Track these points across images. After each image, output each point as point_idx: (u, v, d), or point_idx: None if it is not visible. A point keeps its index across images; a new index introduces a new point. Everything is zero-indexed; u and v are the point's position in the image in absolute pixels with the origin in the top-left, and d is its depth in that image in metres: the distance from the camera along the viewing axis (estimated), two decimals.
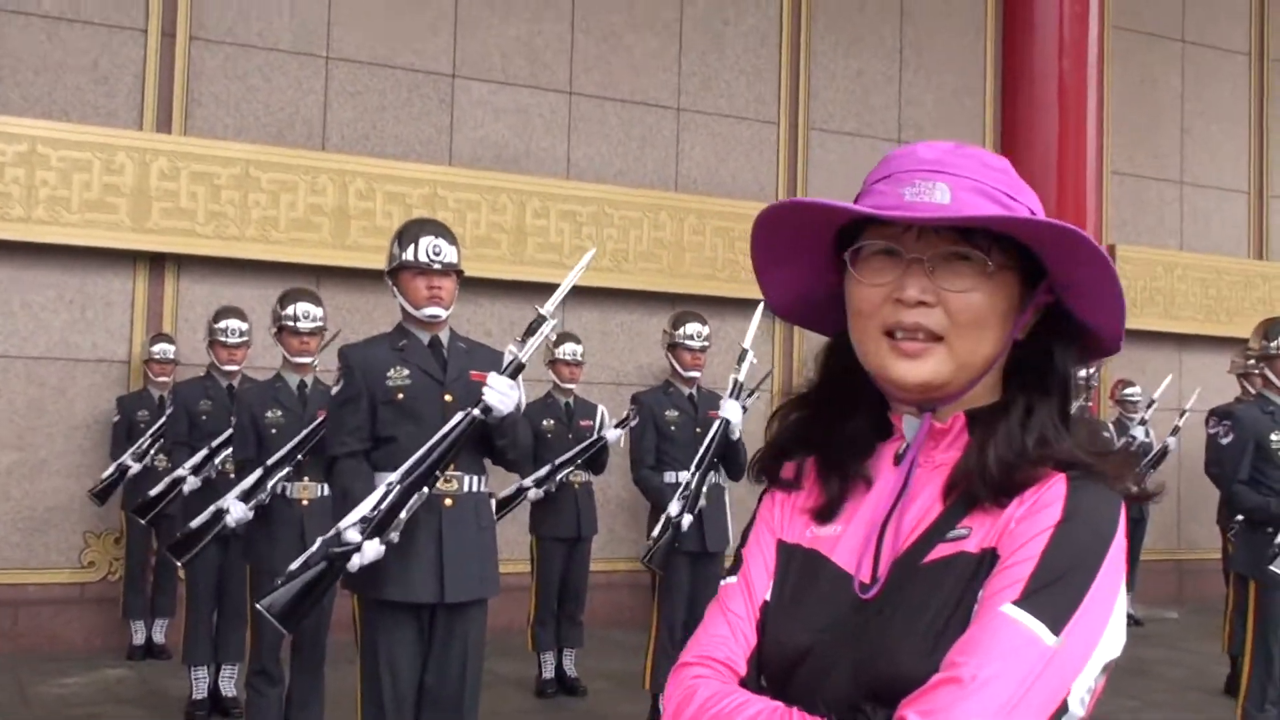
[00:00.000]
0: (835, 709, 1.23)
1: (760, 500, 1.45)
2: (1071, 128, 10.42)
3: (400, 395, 3.90)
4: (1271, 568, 5.08)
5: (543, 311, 3.97)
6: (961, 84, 10.72)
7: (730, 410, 5.69)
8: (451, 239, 4.14)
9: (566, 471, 6.83)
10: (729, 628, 1.36)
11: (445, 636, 3.88)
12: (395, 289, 4.11)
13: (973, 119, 10.74)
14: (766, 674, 1.34)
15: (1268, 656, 5.36)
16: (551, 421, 6.99)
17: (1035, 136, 10.48)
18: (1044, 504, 1.21)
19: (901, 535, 1.28)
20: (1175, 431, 9.32)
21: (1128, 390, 9.93)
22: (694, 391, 6.12)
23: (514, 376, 3.85)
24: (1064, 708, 1.15)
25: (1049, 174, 10.40)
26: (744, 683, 1.32)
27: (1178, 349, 11.31)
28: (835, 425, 1.38)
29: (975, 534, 1.24)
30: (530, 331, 3.94)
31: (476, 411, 3.73)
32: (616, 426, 7.24)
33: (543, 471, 6.77)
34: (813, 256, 1.37)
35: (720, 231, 9.44)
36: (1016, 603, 1.16)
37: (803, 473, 1.41)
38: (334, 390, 4.00)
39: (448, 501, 3.87)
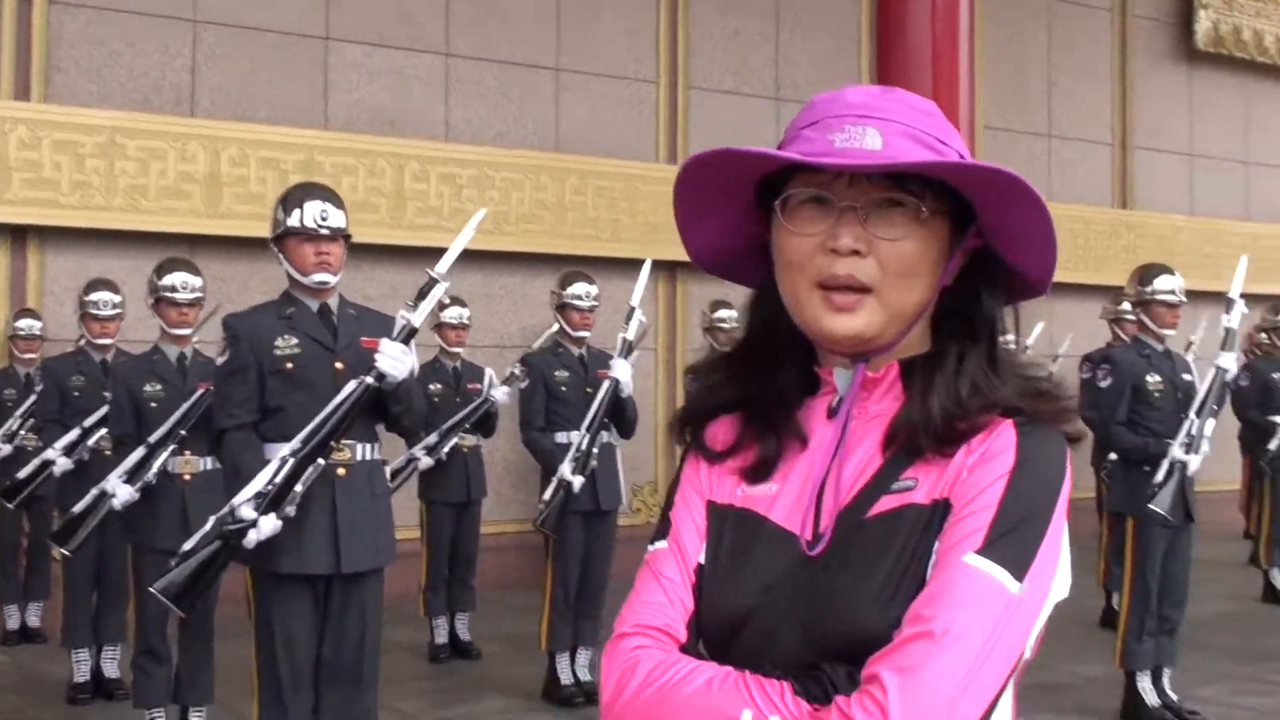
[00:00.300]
0: (787, 669, 1.20)
1: (683, 461, 1.41)
2: (945, 84, 10.57)
3: (289, 364, 3.82)
4: (1150, 506, 5.25)
5: (434, 274, 3.91)
6: (837, 43, 10.81)
7: (620, 370, 5.70)
8: (339, 203, 4.05)
9: (456, 436, 6.79)
10: (664, 594, 1.30)
11: (342, 607, 3.83)
12: (281, 255, 4.01)
13: (848, 77, 10.82)
14: (706, 639, 1.29)
15: (1145, 590, 5.56)
16: (439, 386, 6.94)
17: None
18: (995, 452, 1.21)
19: (842, 490, 1.25)
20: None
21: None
22: (584, 352, 6.11)
23: (407, 341, 3.80)
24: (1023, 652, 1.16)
25: None
26: (685, 649, 1.28)
27: (1048, 297, 11.39)
28: (763, 381, 1.35)
29: (922, 485, 1.22)
30: (422, 295, 3.88)
31: (370, 379, 3.67)
32: (503, 384, 7.21)
33: (432, 439, 6.71)
34: (735, 207, 1.33)
35: (602, 191, 9.42)
36: (979, 552, 1.15)
37: (733, 435, 1.36)
38: (219, 361, 3.90)
39: (341, 471, 3.80)
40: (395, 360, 3.73)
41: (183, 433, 4.91)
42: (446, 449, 6.79)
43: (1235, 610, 8.32)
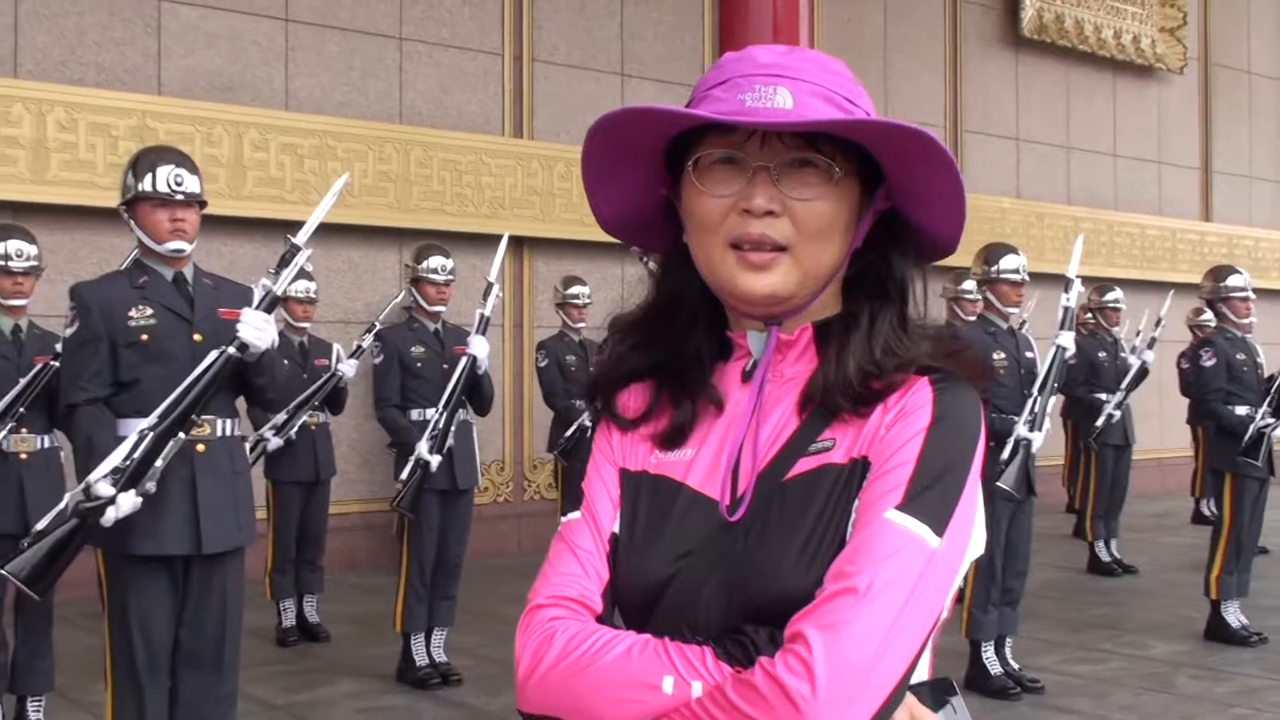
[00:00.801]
0: (708, 634, 1.19)
1: (594, 431, 1.39)
2: None
3: (145, 336, 3.63)
4: (998, 483, 5.41)
5: (296, 241, 3.77)
6: (681, 20, 10.83)
7: (478, 346, 5.61)
8: (193, 168, 3.87)
9: (305, 414, 6.60)
10: (579, 565, 1.28)
11: (202, 590, 3.67)
12: (132, 222, 3.80)
13: (692, 54, 10.88)
14: (624, 607, 1.28)
15: (990, 562, 5.73)
16: (286, 362, 6.71)
17: None
18: (912, 409, 1.20)
19: (760, 453, 1.24)
20: (1151, 345, 9.06)
21: (1108, 297, 9.53)
22: (439, 327, 5.99)
23: (269, 310, 3.65)
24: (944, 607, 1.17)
25: None
26: (601, 620, 1.26)
27: None
28: (674, 347, 1.33)
29: (840, 445, 1.22)
30: (284, 263, 3.74)
31: (232, 349, 3.52)
32: (350, 357, 7.05)
33: (280, 417, 6.51)
34: (643, 170, 1.31)
35: (447, 164, 9.26)
36: (899, 508, 1.14)
37: (645, 402, 1.34)
38: (67, 333, 3.68)
39: (200, 447, 3.64)
40: (258, 330, 3.59)
41: (21, 410, 4.65)
42: (295, 428, 6.59)
43: (1062, 580, 8.67)
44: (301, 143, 8.60)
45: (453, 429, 5.62)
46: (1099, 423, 8.71)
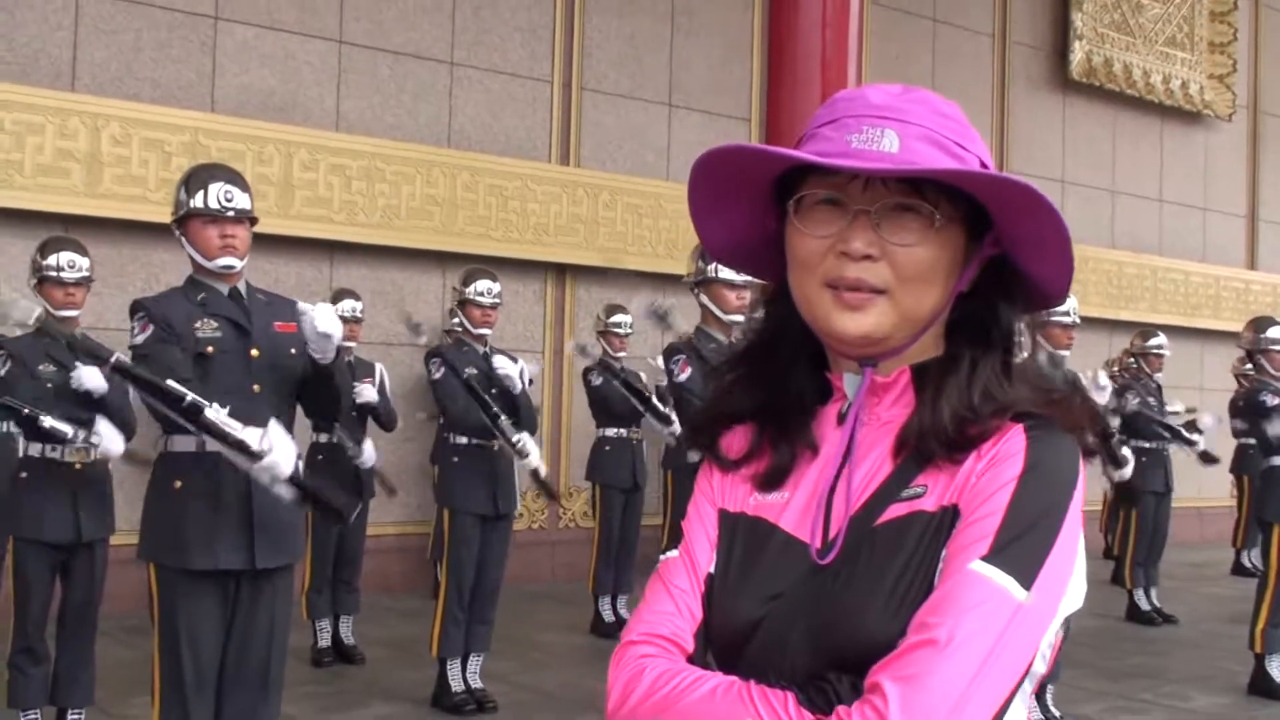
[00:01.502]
0: (794, 679, 1.18)
1: (699, 469, 1.38)
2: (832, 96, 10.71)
3: (211, 348, 3.63)
4: None
5: None
6: (730, 53, 10.86)
7: (508, 364, 5.67)
8: (244, 185, 3.87)
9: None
10: (674, 603, 1.29)
11: (251, 607, 3.65)
12: (184, 239, 3.81)
13: (740, 87, 10.90)
14: (715, 649, 1.28)
15: None
16: None
17: (798, 107, 10.72)
18: (1004, 456, 1.18)
19: (853, 497, 1.23)
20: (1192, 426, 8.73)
21: (1151, 343, 9.17)
22: (486, 349, 5.99)
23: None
24: (1032, 662, 1.14)
25: None
26: (692, 659, 1.26)
27: None
28: (776, 386, 1.33)
29: (931, 492, 1.20)
30: None
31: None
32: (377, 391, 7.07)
33: (324, 439, 6.53)
34: (752, 201, 1.31)
35: (494, 189, 9.29)
36: (985, 558, 1.12)
37: (747, 442, 1.34)
38: (139, 339, 3.63)
39: None
40: (327, 315, 3.61)
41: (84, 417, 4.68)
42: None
43: (1101, 627, 8.55)
44: (350, 164, 8.65)
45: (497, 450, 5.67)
46: (1126, 471, 8.47)
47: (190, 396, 3.35)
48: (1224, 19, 14.89)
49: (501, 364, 5.66)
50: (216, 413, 3.37)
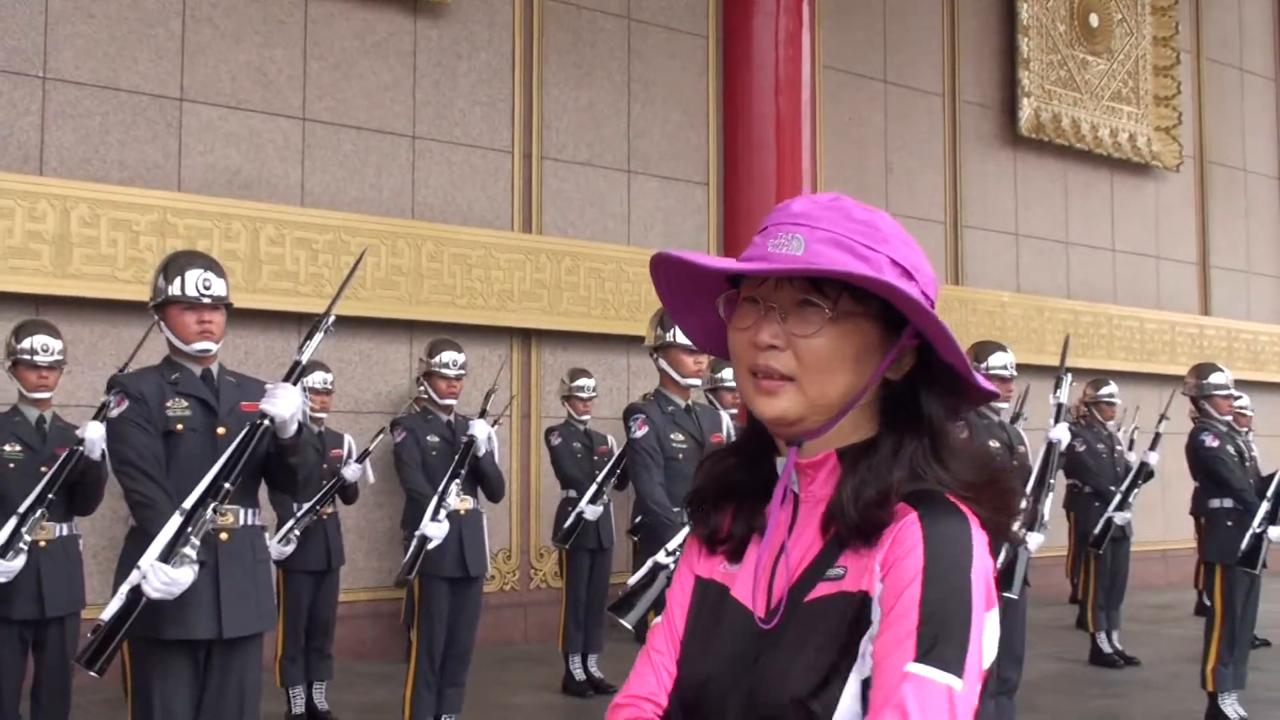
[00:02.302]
0: None
1: (687, 541, 1.55)
2: (788, 162, 10.98)
3: (180, 426, 3.80)
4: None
5: (327, 318, 3.95)
6: (687, 119, 11.13)
7: (478, 428, 5.80)
8: (220, 271, 4.08)
9: (321, 504, 6.74)
10: (650, 665, 1.46)
11: (223, 675, 3.79)
12: (162, 323, 3.99)
13: (696, 152, 11.17)
14: (680, 704, 1.42)
15: None
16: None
17: (755, 170, 11.00)
18: (905, 550, 1.28)
19: (791, 570, 1.37)
20: (1155, 444, 8.75)
21: (1103, 391, 9.58)
22: (451, 419, 6.16)
23: (295, 382, 3.82)
24: None
25: (768, 205, 10.92)
26: (668, 714, 1.43)
27: None
28: (750, 469, 1.47)
29: (850, 573, 1.32)
30: (310, 335, 3.92)
31: (266, 421, 3.67)
32: (357, 461, 7.19)
33: (303, 509, 6.65)
34: (712, 297, 1.45)
35: (458, 258, 9.49)
36: (918, 660, 1.23)
37: (729, 518, 1.47)
38: (115, 413, 3.82)
39: (224, 536, 3.79)
40: (281, 398, 3.74)
41: (51, 497, 4.80)
42: (312, 517, 6.73)
43: (1065, 671, 8.72)
44: (317, 238, 8.84)
45: (464, 513, 5.80)
46: (1096, 530, 8.71)
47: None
48: (1167, 73, 15.31)
49: (476, 428, 5.81)
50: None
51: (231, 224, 8.50)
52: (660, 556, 4.53)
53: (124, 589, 3.56)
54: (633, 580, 4.62)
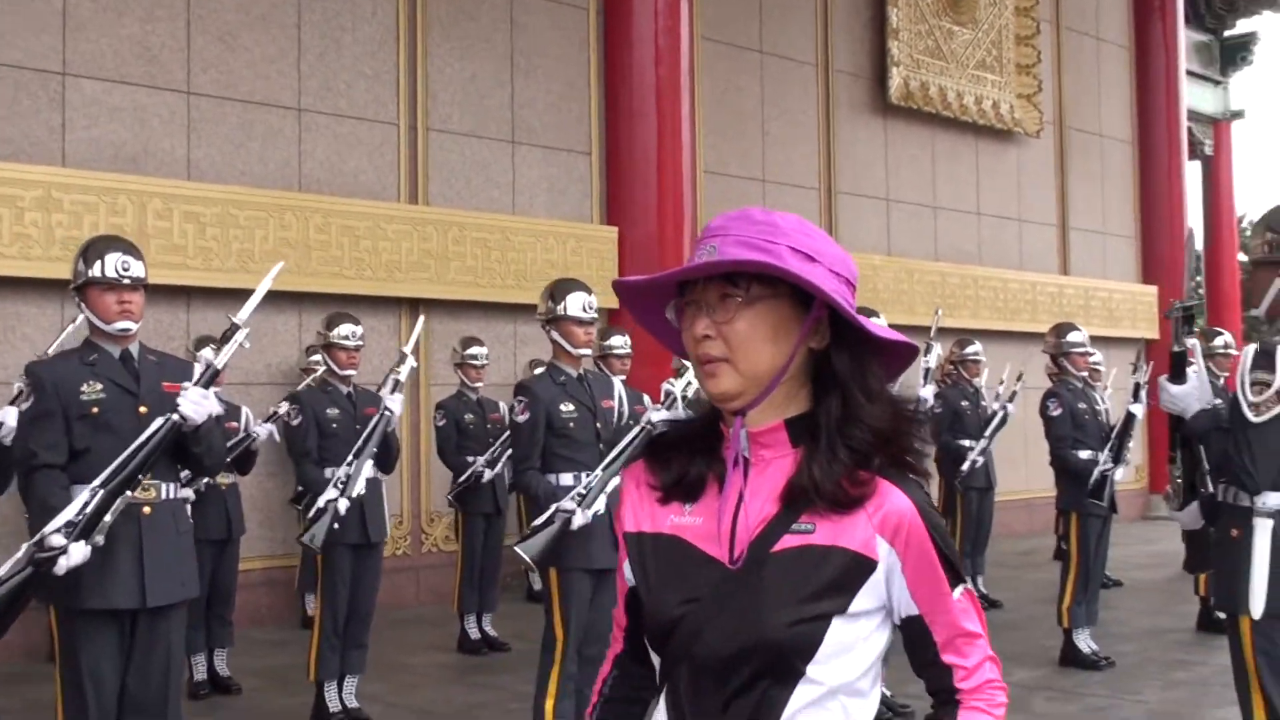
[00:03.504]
0: (707, 663, 1.61)
1: (618, 508, 1.82)
2: (668, 131, 11.28)
3: (95, 409, 3.98)
4: None
5: (236, 320, 4.15)
6: (569, 90, 11.36)
7: (395, 403, 6.02)
8: (138, 254, 4.25)
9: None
10: (613, 619, 1.87)
11: (148, 642, 3.98)
12: (82, 305, 4.16)
13: (579, 123, 11.40)
14: (649, 639, 1.72)
15: None
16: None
17: (636, 140, 11.28)
18: (902, 516, 1.60)
19: (750, 524, 1.62)
20: (1013, 398, 9.77)
21: (968, 350, 10.14)
22: (351, 390, 6.35)
23: (208, 385, 4.02)
24: None
25: (650, 174, 11.24)
26: (622, 653, 1.84)
27: None
28: (701, 438, 1.74)
29: (821, 530, 1.59)
30: (225, 339, 4.12)
31: (175, 417, 3.87)
32: (267, 421, 7.36)
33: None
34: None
35: (346, 230, 9.61)
36: (953, 589, 1.63)
37: (677, 473, 1.74)
38: (23, 407, 4.01)
39: (146, 509, 3.98)
40: (195, 404, 3.94)
41: None
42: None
43: None
44: (204, 211, 8.90)
45: (363, 482, 6.02)
46: (964, 467, 9.35)
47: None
48: (1028, 42, 15.95)
49: (394, 403, 6.02)
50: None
51: (118, 198, 8.52)
52: (565, 503, 4.82)
53: (19, 555, 3.71)
54: (537, 521, 4.93)
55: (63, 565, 3.65)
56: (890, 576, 1.60)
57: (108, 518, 3.76)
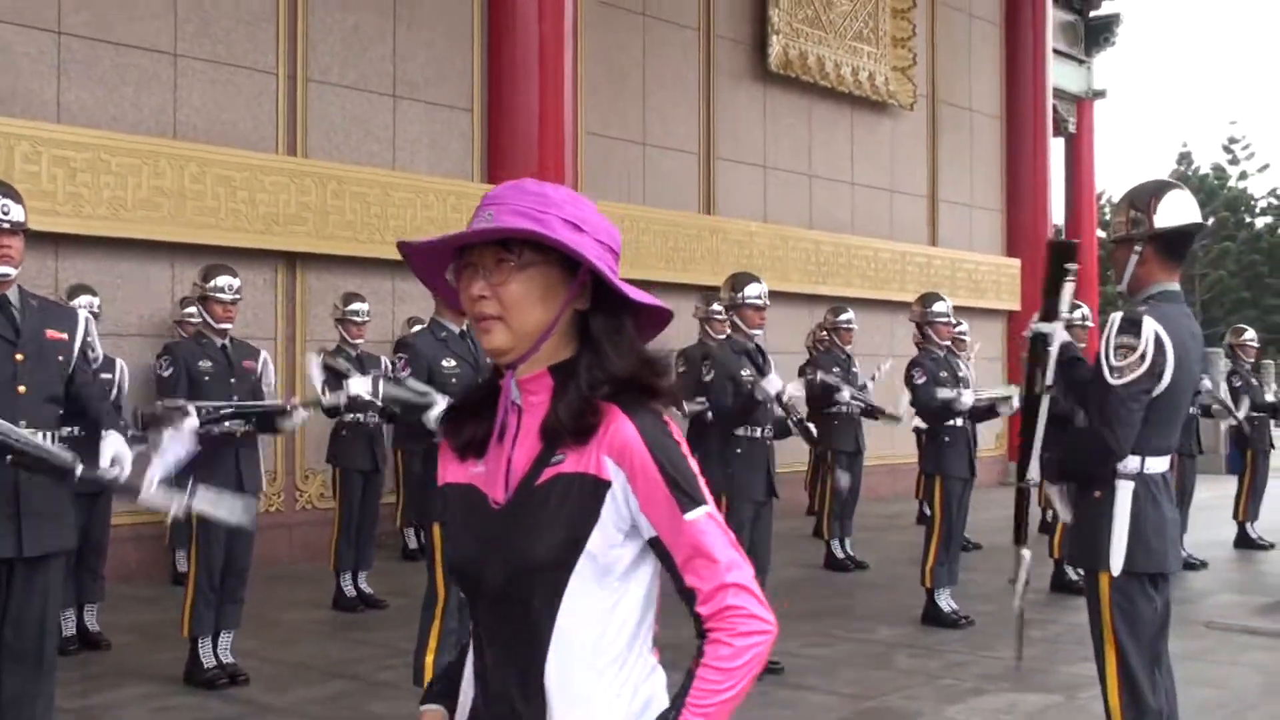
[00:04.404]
0: (490, 595, 1.76)
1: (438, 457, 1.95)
2: (551, 88, 11.27)
3: None
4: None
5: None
6: (452, 44, 11.27)
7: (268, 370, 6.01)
8: (18, 197, 4.15)
9: None
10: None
11: (25, 591, 3.93)
12: None
13: (461, 77, 11.33)
14: (455, 579, 1.89)
15: None
16: None
17: (519, 99, 11.24)
18: (625, 439, 1.71)
19: (519, 464, 1.79)
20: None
21: (841, 318, 10.33)
22: (226, 343, 6.28)
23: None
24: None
25: (531, 132, 11.22)
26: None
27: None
28: (489, 393, 1.88)
29: (569, 459, 1.74)
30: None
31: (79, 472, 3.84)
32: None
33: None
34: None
35: (222, 180, 9.44)
36: (684, 512, 1.70)
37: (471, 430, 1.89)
38: None
39: None
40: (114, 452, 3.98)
41: None
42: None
43: (803, 576, 9.51)
44: (75, 156, 8.66)
45: (238, 435, 6.01)
46: (837, 399, 9.56)
47: None
48: (904, 15, 16.27)
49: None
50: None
51: None
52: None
53: None
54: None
55: None
56: (626, 496, 1.72)
57: None
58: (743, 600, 1.69)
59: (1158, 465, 3.82)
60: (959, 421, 7.56)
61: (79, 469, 3.77)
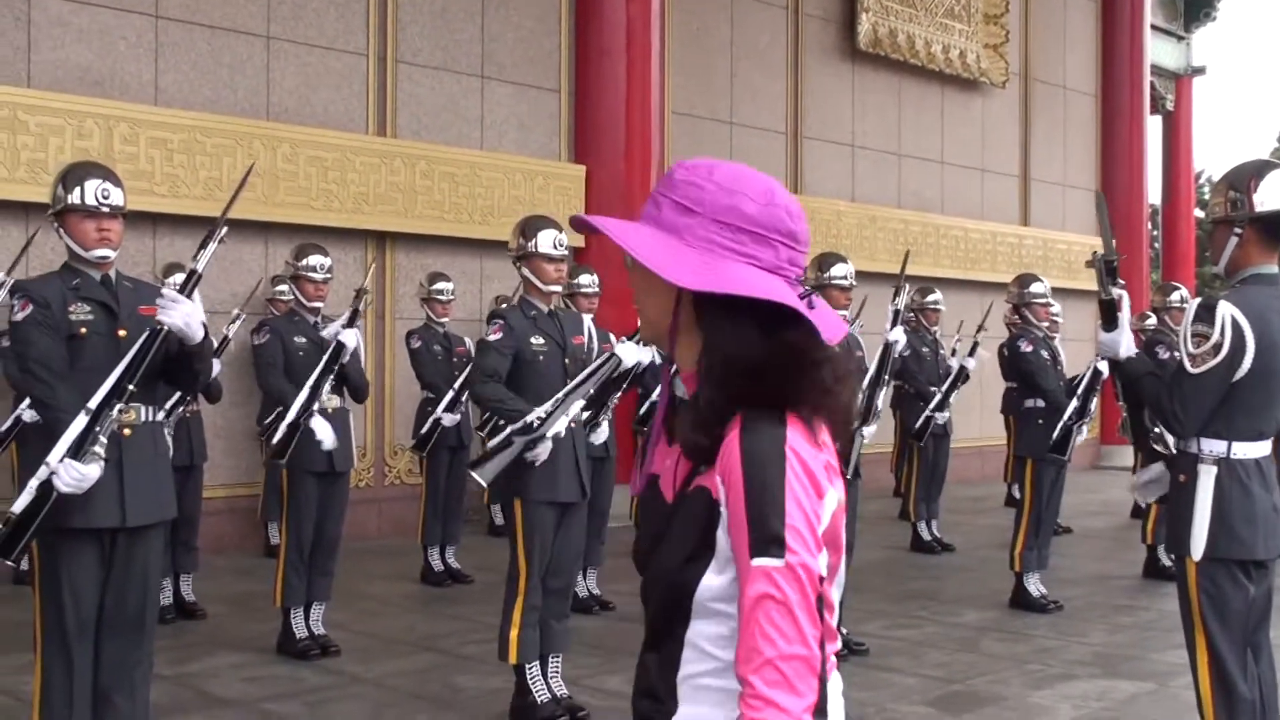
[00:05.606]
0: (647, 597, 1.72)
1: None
2: (638, 69, 11.27)
3: (83, 330, 4.00)
4: None
5: (221, 228, 4.18)
6: (540, 25, 11.30)
7: (349, 337, 6.05)
8: (118, 181, 4.25)
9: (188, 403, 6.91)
10: None
11: (127, 561, 4.03)
12: (61, 230, 4.17)
13: (549, 58, 11.37)
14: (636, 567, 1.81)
15: None
16: None
17: (606, 77, 11.27)
18: (730, 463, 1.57)
19: (684, 466, 1.69)
20: (973, 351, 9.60)
21: (929, 298, 10.18)
22: (318, 320, 6.38)
23: (191, 290, 4.04)
24: None
25: (619, 113, 11.24)
26: None
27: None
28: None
29: (706, 472, 1.64)
30: (203, 244, 4.15)
31: (165, 328, 3.89)
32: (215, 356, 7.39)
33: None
34: None
35: (314, 160, 9.58)
36: (752, 556, 1.52)
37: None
38: (20, 316, 3.97)
39: (126, 432, 4.01)
40: (186, 315, 3.96)
41: None
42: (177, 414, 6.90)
43: (888, 558, 9.44)
44: (171, 137, 8.84)
45: (332, 411, 6.11)
46: (916, 425, 9.43)
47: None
48: None
49: (346, 337, 6.05)
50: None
51: (84, 122, 8.45)
52: (519, 427, 4.91)
53: (33, 484, 3.77)
54: (491, 444, 5.01)
55: (71, 483, 3.71)
56: (725, 517, 1.57)
57: (102, 436, 3.80)
58: (763, 689, 1.48)
59: (1247, 450, 3.75)
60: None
61: None
